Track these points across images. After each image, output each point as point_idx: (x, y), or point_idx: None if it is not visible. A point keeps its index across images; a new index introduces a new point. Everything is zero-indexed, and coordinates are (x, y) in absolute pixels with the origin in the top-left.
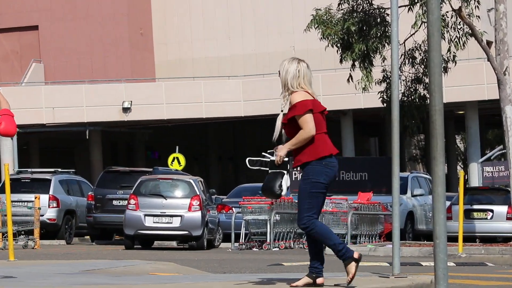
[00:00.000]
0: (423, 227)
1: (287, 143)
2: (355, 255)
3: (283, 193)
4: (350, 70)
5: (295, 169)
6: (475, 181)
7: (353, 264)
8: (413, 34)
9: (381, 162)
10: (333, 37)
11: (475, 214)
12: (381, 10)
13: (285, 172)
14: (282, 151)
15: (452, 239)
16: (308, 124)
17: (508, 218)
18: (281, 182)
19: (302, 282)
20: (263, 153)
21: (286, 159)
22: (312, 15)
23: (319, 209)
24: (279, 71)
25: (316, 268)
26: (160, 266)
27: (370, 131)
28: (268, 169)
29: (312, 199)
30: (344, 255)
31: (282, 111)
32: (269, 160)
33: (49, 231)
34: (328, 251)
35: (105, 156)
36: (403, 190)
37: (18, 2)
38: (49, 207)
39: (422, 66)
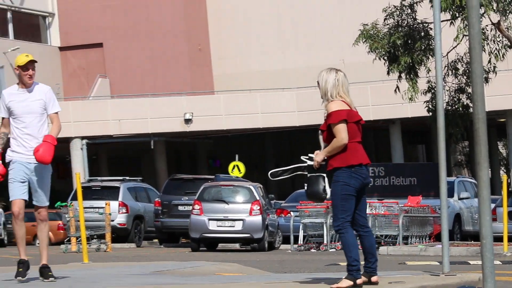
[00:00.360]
0: (470, 228)
1: (324, 149)
2: (358, 281)
3: (328, 196)
4: (397, 81)
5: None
6: None
7: (349, 282)
8: (455, 46)
9: (428, 167)
10: (380, 50)
11: None
12: (424, 24)
13: (325, 175)
14: (319, 156)
15: (497, 239)
16: (341, 134)
17: None
18: (325, 186)
19: (359, 281)
20: (302, 157)
21: (323, 163)
22: (360, 30)
23: (352, 212)
24: (318, 81)
25: (369, 267)
26: (225, 266)
27: (417, 139)
28: (289, 175)
29: (345, 201)
30: (351, 271)
31: (319, 130)
32: (306, 164)
33: (119, 235)
34: (381, 250)
35: (169, 164)
36: (450, 194)
37: (85, 22)
38: (119, 212)
39: (465, 77)
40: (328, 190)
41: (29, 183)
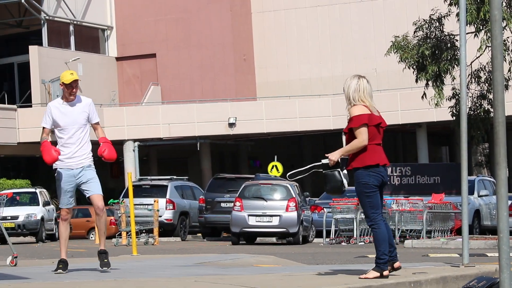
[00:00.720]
0: (488, 223)
1: (341, 148)
2: (384, 273)
3: (346, 187)
4: (424, 88)
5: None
6: None
7: (376, 273)
8: (479, 57)
9: (451, 167)
10: (409, 60)
11: None
12: (451, 36)
13: (339, 169)
14: (334, 155)
15: None
16: (362, 136)
17: None
18: (342, 180)
19: (385, 273)
20: (322, 160)
21: (338, 161)
22: (392, 41)
23: (379, 206)
24: (343, 87)
25: (389, 256)
26: (262, 258)
27: (442, 141)
28: (305, 175)
29: (370, 198)
30: (379, 264)
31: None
32: (321, 163)
33: (166, 230)
34: (406, 243)
35: (213, 164)
36: (471, 191)
37: (140, 34)
38: (166, 209)
39: (486, 84)
40: (346, 182)
41: (78, 185)
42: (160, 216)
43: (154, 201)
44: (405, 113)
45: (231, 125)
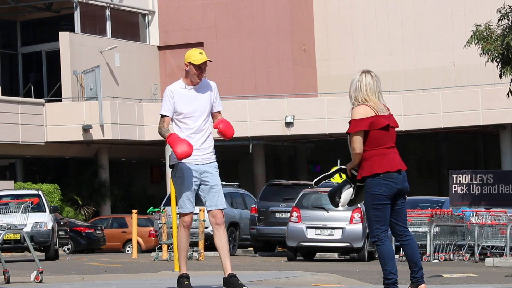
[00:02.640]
0: None
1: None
2: None
3: (340, 204)
4: (510, 84)
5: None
6: None
7: None
8: None
9: None
10: (492, 52)
11: None
12: None
13: (350, 184)
14: (348, 167)
15: None
16: (353, 144)
17: None
18: (342, 192)
19: None
20: (341, 166)
21: (355, 173)
22: (472, 31)
23: (388, 221)
24: None
25: (414, 277)
26: (322, 277)
27: None
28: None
29: (377, 211)
30: (387, 285)
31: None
32: (345, 167)
33: (213, 243)
34: (486, 262)
35: (268, 169)
36: None
37: (185, 20)
38: None
39: None
40: (343, 198)
41: (199, 186)
42: (206, 227)
43: (200, 210)
44: (487, 112)
45: (288, 124)
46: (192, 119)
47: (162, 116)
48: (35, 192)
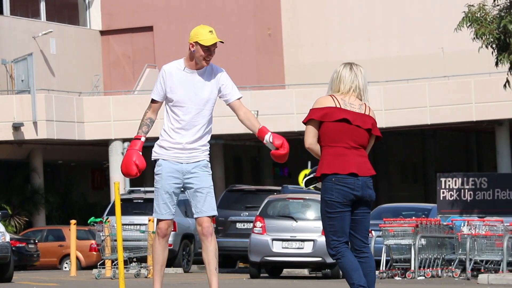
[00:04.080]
0: None
1: None
2: None
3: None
4: (507, 74)
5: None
6: None
7: None
8: None
9: None
10: (487, 36)
11: None
12: None
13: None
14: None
15: None
16: (305, 135)
17: None
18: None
19: None
20: None
21: None
22: (464, 12)
23: (346, 231)
24: None
25: None
26: None
27: None
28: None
29: (332, 221)
30: None
31: None
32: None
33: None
34: (480, 279)
35: (227, 173)
36: None
37: (132, 1)
38: None
39: None
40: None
41: (184, 189)
42: None
43: (149, 220)
44: (481, 106)
45: None
46: (182, 109)
47: (151, 101)
48: None
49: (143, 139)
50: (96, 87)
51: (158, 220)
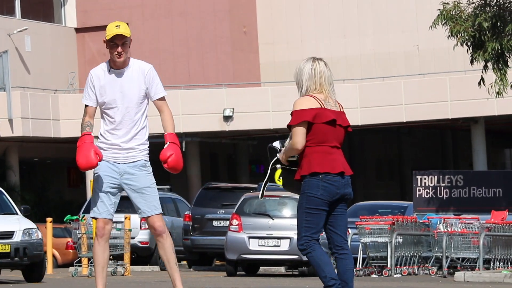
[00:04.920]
0: None
1: (282, 151)
2: None
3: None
4: (482, 72)
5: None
6: None
7: None
8: None
9: None
10: (462, 34)
11: None
12: None
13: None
14: (281, 155)
15: None
16: (296, 137)
17: None
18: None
19: None
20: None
21: (293, 159)
22: (439, 10)
23: (320, 229)
24: (295, 74)
25: None
26: None
27: (505, 141)
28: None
29: (310, 216)
30: None
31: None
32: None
33: (140, 255)
34: (456, 276)
35: (203, 170)
36: None
37: None
38: (141, 228)
39: None
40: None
41: (123, 189)
42: (133, 238)
43: (125, 217)
44: (456, 104)
45: (227, 118)
46: (113, 110)
47: (85, 106)
48: None
49: (92, 134)
50: (71, 84)
51: (96, 220)
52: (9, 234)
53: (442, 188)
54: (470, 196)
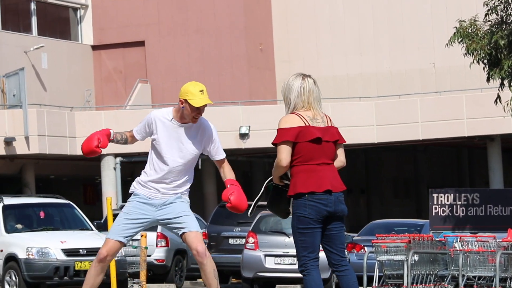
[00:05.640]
0: None
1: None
2: None
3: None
4: (499, 89)
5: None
6: None
7: None
8: None
9: None
10: (479, 52)
11: None
12: None
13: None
14: (274, 177)
15: None
16: (280, 154)
17: None
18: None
19: None
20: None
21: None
22: (455, 27)
23: (317, 247)
24: (282, 90)
25: None
26: None
27: None
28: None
29: (304, 236)
30: None
31: None
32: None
33: (157, 273)
34: None
35: (219, 188)
36: None
37: (124, 16)
38: (157, 246)
39: None
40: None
41: (160, 222)
42: (149, 256)
43: (141, 235)
44: (472, 122)
45: (243, 136)
46: (165, 160)
47: (132, 130)
48: (63, 201)
49: (111, 131)
50: (87, 102)
51: (105, 242)
52: (96, 251)
53: (459, 206)
54: (487, 214)
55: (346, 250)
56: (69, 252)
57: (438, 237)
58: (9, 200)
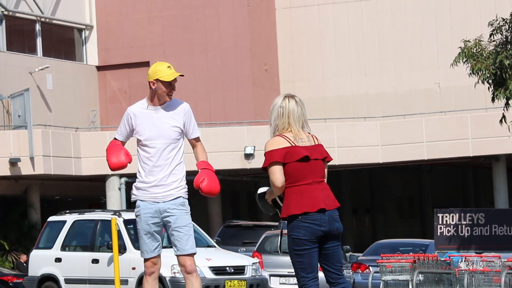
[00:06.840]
0: None
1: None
2: None
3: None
4: (504, 109)
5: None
6: None
7: None
8: None
9: None
10: (483, 72)
11: None
12: None
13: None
14: (267, 197)
15: None
16: (273, 175)
17: None
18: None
19: None
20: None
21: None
22: (460, 47)
23: (315, 267)
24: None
25: None
26: None
27: None
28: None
29: (300, 257)
30: None
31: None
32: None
33: None
34: None
35: (224, 208)
36: None
37: (128, 36)
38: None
39: None
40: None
41: (164, 226)
42: None
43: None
44: (477, 142)
45: (248, 156)
46: (152, 146)
47: (114, 139)
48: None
49: (119, 141)
50: (92, 122)
51: (144, 260)
52: (241, 269)
53: (464, 226)
54: (492, 234)
55: (350, 270)
56: (217, 270)
57: (443, 257)
58: (127, 215)
